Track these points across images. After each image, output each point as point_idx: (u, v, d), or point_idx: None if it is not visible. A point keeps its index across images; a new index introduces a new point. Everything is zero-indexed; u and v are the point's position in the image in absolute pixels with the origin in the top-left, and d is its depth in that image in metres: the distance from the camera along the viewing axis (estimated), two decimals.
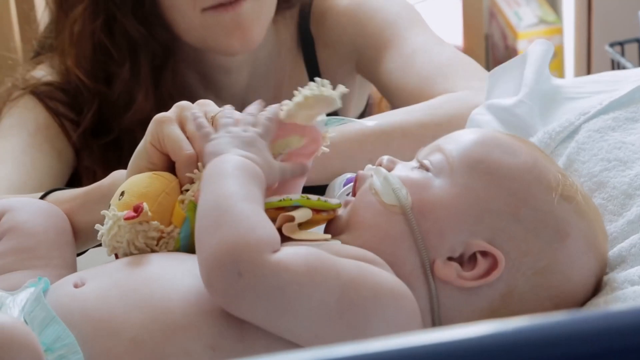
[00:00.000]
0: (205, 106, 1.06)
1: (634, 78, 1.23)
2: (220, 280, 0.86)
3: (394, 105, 1.40)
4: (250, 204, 0.90)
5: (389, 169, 0.99)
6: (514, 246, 0.95)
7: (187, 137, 1.03)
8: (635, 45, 1.99)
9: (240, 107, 1.05)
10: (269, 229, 0.89)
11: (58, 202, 1.15)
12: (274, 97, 1.44)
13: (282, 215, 0.96)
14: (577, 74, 2.70)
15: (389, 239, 0.95)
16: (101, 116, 1.39)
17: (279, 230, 0.93)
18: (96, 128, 1.40)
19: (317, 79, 1.01)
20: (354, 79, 1.52)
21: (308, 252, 0.89)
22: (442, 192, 0.96)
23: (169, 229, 1.01)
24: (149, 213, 1.00)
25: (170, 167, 1.05)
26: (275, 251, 0.87)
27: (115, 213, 1.00)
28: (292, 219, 0.95)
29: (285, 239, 0.93)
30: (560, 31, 2.86)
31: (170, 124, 1.03)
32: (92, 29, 1.35)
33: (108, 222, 1.01)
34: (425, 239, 0.94)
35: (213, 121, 1.03)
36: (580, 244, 0.97)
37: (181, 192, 1.03)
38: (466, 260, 0.95)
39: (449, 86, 1.32)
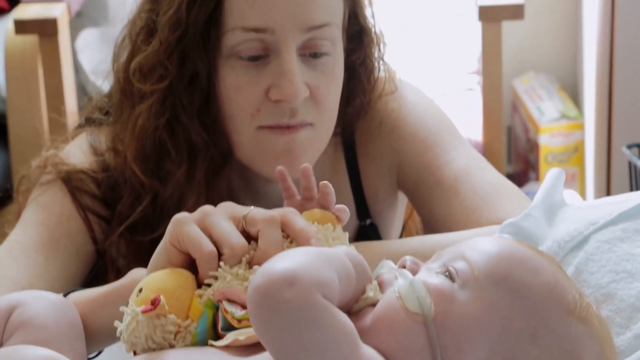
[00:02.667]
0: (230, 209, 1.09)
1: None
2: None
3: (433, 231, 1.39)
4: None
5: (413, 272, 0.99)
6: None
7: (214, 241, 1.05)
8: None
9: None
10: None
11: (77, 303, 1.16)
12: None
13: None
14: (597, 170, 2.71)
15: (406, 349, 0.94)
16: (146, 213, 1.36)
17: None
18: (136, 223, 1.36)
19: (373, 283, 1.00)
20: (395, 193, 1.49)
21: None
22: (466, 307, 0.95)
23: (186, 323, 1.03)
24: (166, 306, 1.01)
25: (189, 266, 1.07)
26: None
27: (133, 309, 1.02)
28: None
29: None
30: (581, 127, 2.87)
31: (189, 224, 1.06)
32: (156, 125, 1.32)
33: (126, 318, 1.02)
34: (443, 354, 0.93)
35: (245, 221, 1.07)
36: None
37: (200, 288, 1.05)
38: None
39: (492, 216, 1.33)
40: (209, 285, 1.05)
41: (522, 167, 3.04)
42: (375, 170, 1.46)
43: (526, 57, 3.01)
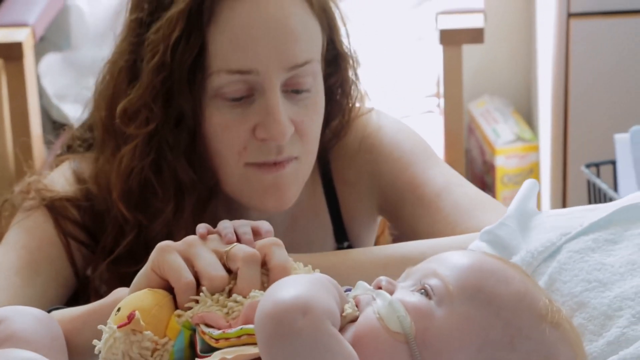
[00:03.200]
0: (215, 243, 1.13)
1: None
2: None
3: None
4: None
5: (390, 292, 1.01)
6: None
7: (195, 272, 1.09)
8: (610, 167, 2.04)
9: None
10: None
11: (60, 320, 1.17)
12: (289, 228, 1.44)
13: None
14: (553, 191, 2.76)
15: None
16: (131, 246, 1.36)
17: None
18: (120, 256, 1.37)
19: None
20: (374, 215, 1.51)
21: None
22: (444, 323, 0.98)
23: (163, 340, 1.04)
24: (141, 322, 1.03)
25: (169, 291, 1.09)
26: None
27: (111, 326, 1.04)
28: None
29: None
30: (536, 148, 2.93)
31: (171, 253, 1.10)
32: (142, 165, 1.32)
33: (105, 336, 1.04)
34: None
35: (227, 256, 1.11)
36: None
37: (176, 309, 1.08)
38: None
39: (473, 224, 1.35)
40: (189, 308, 1.07)
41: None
42: (353, 195, 1.47)
43: (481, 81, 3.06)
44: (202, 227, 1.15)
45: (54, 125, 2.52)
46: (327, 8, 1.36)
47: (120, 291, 1.19)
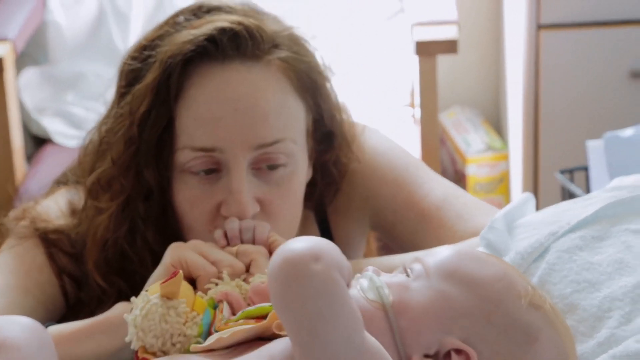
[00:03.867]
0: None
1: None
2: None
3: None
4: None
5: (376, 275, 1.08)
6: (486, 346, 1.03)
7: (211, 262, 1.16)
8: (583, 173, 2.08)
9: None
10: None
11: (59, 333, 1.18)
12: None
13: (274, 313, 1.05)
14: None
15: (370, 331, 1.00)
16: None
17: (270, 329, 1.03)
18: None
19: None
20: (366, 236, 1.51)
21: None
22: (419, 294, 1.05)
23: (193, 314, 1.09)
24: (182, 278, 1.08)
25: None
26: None
27: (145, 293, 1.08)
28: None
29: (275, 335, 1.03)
30: (506, 157, 2.97)
31: (188, 250, 1.18)
32: (117, 236, 1.31)
33: (139, 305, 1.07)
34: (402, 337, 1.02)
35: (237, 253, 1.21)
36: (549, 350, 1.05)
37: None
38: (442, 358, 1.03)
39: (473, 228, 1.37)
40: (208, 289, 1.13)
41: None
42: (346, 223, 1.47)
43: (452, 92, 3.09)
44: (218, 233, 1.22)
45: (33, 139, 2.52)
46: (312, 87, 1.33)
47: (120, 306, 1.21)
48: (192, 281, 1.17)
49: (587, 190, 2.00)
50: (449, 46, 2.26)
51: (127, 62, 1.32)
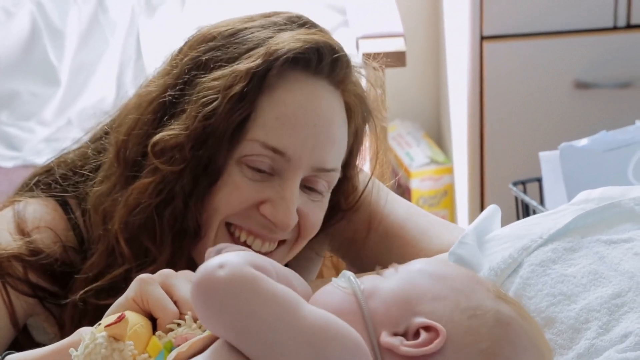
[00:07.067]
0: (189, 274, 1.16)
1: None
2: None
3: None
4: None
5: None
6: (457, 329, 1.03)
7: (174, 301, 1.12)
8: (536, 185, 2.08)
9: None
10: None
11: None
12: None
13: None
14: (471, 211, 2.79)
15: (341, 314, 1.01)
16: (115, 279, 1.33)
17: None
18: (101, 287, 1.33)
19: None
20: (321, 260, 1.53)
21: None
22: (389, 282, 1.06)
23: (143, 356, 1.05)
24: (129, 323, 1.04)
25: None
26: None
27: (92, 331, 1.04)
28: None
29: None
30: (450, 170, 2.97)
31: (153, 284, 1.12)
32: (149, 203, 1.30)
33: (84, 342, 1.03)
34: (372, 317, 1.03)
35: None
36: (522, 337, 1.05)
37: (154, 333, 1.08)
38: (411, 337, 1.02)
39: (438, 245, 1.39)
40: (170, 331, 1.08)
41: None
42: (304, 248, 1.45)
43: (391, 106, 3.08)
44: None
45: None
46: (359, 132, 1.38)
47: (84, 330, 1.15)
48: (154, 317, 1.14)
49: (541, 201, 1.99)
50: (397, 58, 2.25)
51: (211, 36, 1.33)
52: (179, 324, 1.09)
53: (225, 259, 0.96)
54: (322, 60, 1.30)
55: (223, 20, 1.37)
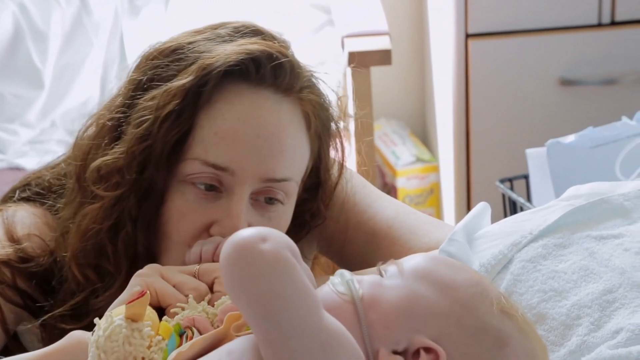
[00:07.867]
0: (177, 267, 1.19)
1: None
2: None
3: None
4: None
5: None
6: (455, 348, 1.01)
7: (173, 286, 1.15)
8: (523, 182, 2.08)
9: None
10: None
11: None
12: None
13: (231, 314, 1.04)
14: (458, 208, 2.79)
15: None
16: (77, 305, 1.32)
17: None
18: (64, 314, 1.31)
19: None
20: (310, 261, 1.51)
21: None
22: (391, 291, 1.03)
23: (157, 338, 1.06)
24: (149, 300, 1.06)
25: None
26: None
27: (109, 314, 1.05)
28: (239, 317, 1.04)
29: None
30: (436, 169, 2.97)
31: (154, 277, 1.15)
32: (100, 229, 1.28)
33: (102, 325, 1.05)
34: (370, 330, 1.01)
35: (198, 273, 1.19)
36: (519, 355, 1.04)
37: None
38: (410, 356, 1.01)
39: (427, 243, 1.38)
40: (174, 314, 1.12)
41: None
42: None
43: (377, 105, 3.09)
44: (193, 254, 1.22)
45: None
46: (323, 135, 1.34)
47: (76, 334, 1.16)
48: (156, 307, 1.14)
49: (529, 198, 1.99)
50: (383, 57, 2.25)
51: (153, 55, 1.31)
52: (182, 308, 1.12)
53: (267, 233, 0.95)
54: (259, 69, 1.27)
55: (173, 36, 1.34)
